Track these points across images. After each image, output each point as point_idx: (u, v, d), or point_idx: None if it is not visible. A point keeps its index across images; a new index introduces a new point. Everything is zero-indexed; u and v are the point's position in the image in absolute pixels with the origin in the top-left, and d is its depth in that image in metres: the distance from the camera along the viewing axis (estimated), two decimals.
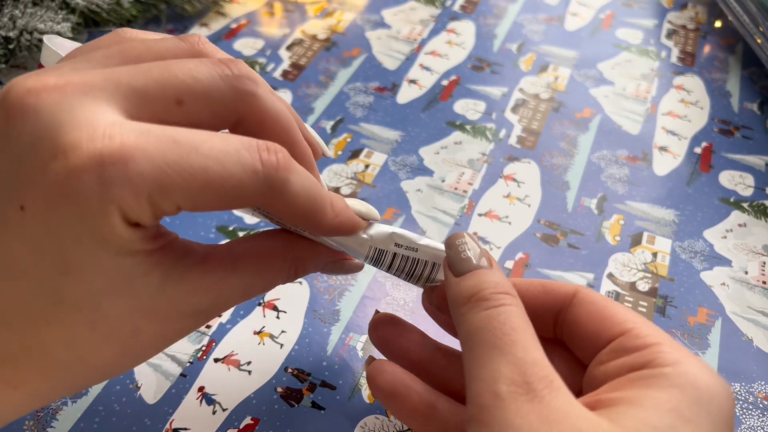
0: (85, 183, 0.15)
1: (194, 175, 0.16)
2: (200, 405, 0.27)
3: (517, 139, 0.40)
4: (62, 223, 0.15)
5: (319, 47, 0.46)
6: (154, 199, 0.15)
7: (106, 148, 0.15)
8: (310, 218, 0.19)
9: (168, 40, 0.19)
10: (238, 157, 0.16)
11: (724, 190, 0.38)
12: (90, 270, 0.16)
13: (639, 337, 0.19)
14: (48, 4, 0.42)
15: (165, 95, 0.16)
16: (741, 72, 0.46)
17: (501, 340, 0.18)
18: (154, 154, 0.15)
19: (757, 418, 0.27)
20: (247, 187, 0.16)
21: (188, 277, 0.18)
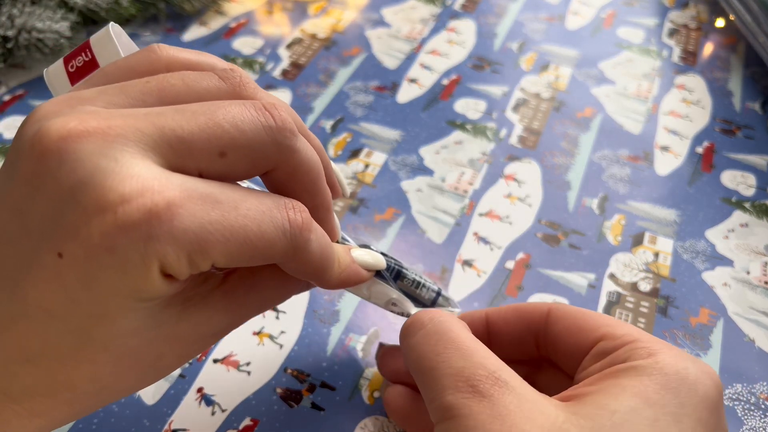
0: (131, 239, 0.15)
1: (234, 234, 0.16)
2: (199, 406, 0.26)
3: (518, 139, 0.40)
4: (101, 274, 0.15)
5: (319, 46, 0.46)
6: (193, 257, 0.16)
7: (155, 205, 0.15)
8: (319, 275, 0.19)
9: (208, 77, 0.18)
10: (270, 217, 0.17)
11: (726, 190, 0.37)
12: (121, 316, 0.16)
13: (615, 338, 0.20)
14: (46, 2, 0.42)
15: (210, 147, 0.16)
16: (743, 71, 0.46)
17: (435, 360, 0.19)
18: (197, 212, 0.15)
19: (759, 419, 0.27)
20: (276, 246, 0.17)
21: (209, 301, 0.19)
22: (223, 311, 0.19)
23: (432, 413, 0.19)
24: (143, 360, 0.18)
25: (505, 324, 0.24)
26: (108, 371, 0.17)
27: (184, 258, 0.15)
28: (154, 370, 0.19)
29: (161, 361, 0.18)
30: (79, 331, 0.16)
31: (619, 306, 0.31)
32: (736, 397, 0.28)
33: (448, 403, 0.18)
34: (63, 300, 0.16)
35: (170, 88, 0.17)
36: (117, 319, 0.16)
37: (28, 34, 0.40)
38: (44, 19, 0.40)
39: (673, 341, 0.30)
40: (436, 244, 0.33)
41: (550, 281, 0.32)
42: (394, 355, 0.26)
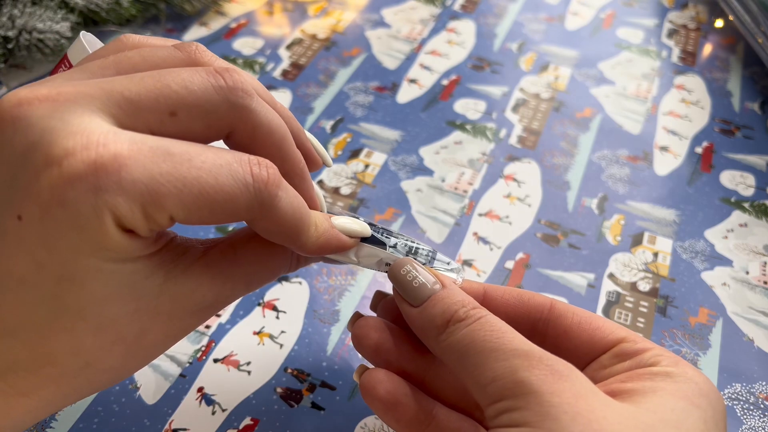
0: (78, 191, 0.15)
1: (187, 185, 0.16)
2: (199, 405, 0.27)
3: (518, 139, 0.40)
4: (58, 231, 0.15)
5: (319, 47, 0.46)
6: (147, 209, 0.16)
7: (100, 157, 0.15)
8: (293, 237, 0.19)
9: (164, 49, 0.18)
10: (230, 170, 0.16)
11: (725, 190, 0.37)
12: (90, 278, 0.16)
13: (637, 343, 0.21)
14: (47, 3, 0.42)
15: (158, 106, 0.16)
16: (742, 72, 0.46)
17: (496, 342, 0.19)
18: (147, 163, 0.15)
19: (758, 419, 0.27)
20: (237, 200, 0.17)
21: (190, 273, 0.18)
22: (206, 286, 0.19)
23: (492, 393, 0.18)
24: (126, 334, 0.17)
25: (504, 305, 0.23)
26: (89, 343, 0.17)
27: (138, 209, 0.15)
28: (140, 348, 0.18)
29: (146, 338, 0.18)
30: (51, 298, 0.16)
31: (618, 306, 0.31)
32: (735, 397, 0.28)
33: (522, 378, 0.17)
34: (30, 265, 0.16)
35: (126, 61, 0.18)
36: (86, 283, 0.16)
37: (29, 34, 0.40)
38: (45, 19, 0.40)
39: (673, 341, 0.30)
40: (436, 243, 0.34)
41: (549, 281, 0.32)
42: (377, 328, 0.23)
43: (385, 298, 0.25)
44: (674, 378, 0.18)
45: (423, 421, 0.22)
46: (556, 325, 0.22)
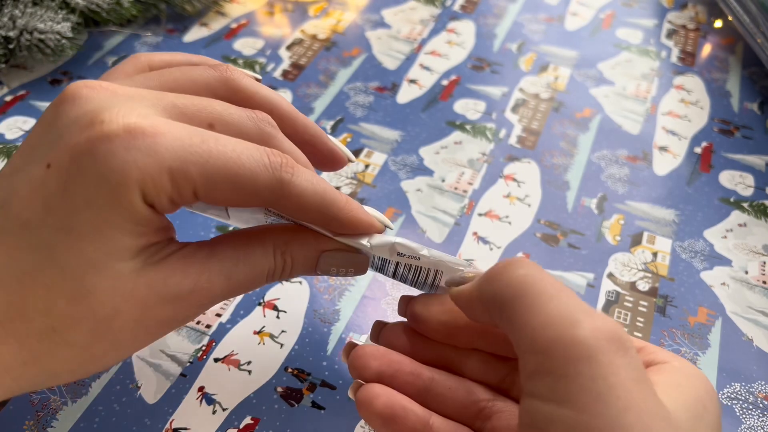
0: (113, 146, 0.16)
1: (212, 157, 0.17)
2: (200, 405, 0.27)
3: (517, 139, 0.40)
4: (79, 180, 0.16)
5: (319, 47, 0.46)
6: (175, 175, 0.17)
7: (139, 123, 0.17)
8: (323, 212, 0.20)
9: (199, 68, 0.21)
10: (250, 152, 0.18)
11: (725, 190, 0.38)
12: (88, 235, 0.17)
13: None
14: (48, 3, 0.42)
15: (200, 116, 0.19)
16: (741, 72, 0.46)
17: (563, 292, 0.16)
18: (180, 135, 0.17)
19: (758, 418, 0.27)
20: (258, 176, 0.18)
21: (167, 260, 0.19)
22: (180, 273, 0.19)
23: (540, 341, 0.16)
24: (97, 308, 0.17)
25: None
26: (61, 307, 0.17)
27: (166, 175, 0.17)
28: (108, 330, 0.18)
29: (116, 319, 0.18)
30: (44, 247, 0.17)
31: (617, 305, 0.31)
32: (735, 396, 0.28)
33: (581, 338, 0.15)
34: (39, 210, 0.17)
35: (168, 75, 0.20)
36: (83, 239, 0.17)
37: (30, 35, 0.40)
38: (46, 20, 0.41)
39: (672, 340, 0.30)
40: (435, 243, 0.34)
41: None
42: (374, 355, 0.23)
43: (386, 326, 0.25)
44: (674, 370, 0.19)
45: None
46: None
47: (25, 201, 0.17)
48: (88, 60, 0.44)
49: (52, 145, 0.17)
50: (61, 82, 0.42)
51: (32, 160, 0.17)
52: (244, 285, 0.21)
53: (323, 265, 0.23)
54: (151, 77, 0.20)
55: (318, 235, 0.22)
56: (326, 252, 0.22)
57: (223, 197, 0.18)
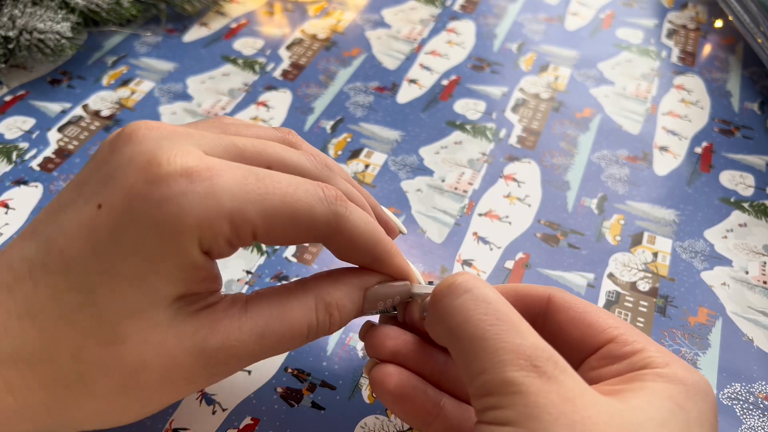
0: (169, 190, 0.16)
1: (269, 194, 0.17)
2: (200, 405, 0.27)
3: (518, 139, 0.40)
4: (132, 224, 0.16)
5: (319, 47, 0.46)
6: (234, 218, 0.17)
7: (196, 165, 0.16)
8: (372, 250, 0.20)
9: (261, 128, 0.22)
10: (305, 186, 0.18)
11: (725, 190, 0.38)
12: (133, 281, 0.16)
13: (627, 344, 0.20)
14: (47, 3, 0.42)
15: (259, 158, 0.19)
16: (741, 72, 0.46)
17: (489, 331, 0.18)
18: (235, 176, 0.17)
19: (758, 418, 0.27)
20: (315, 209, 0.18)
21: (199, 313, 0.18)
22: (208, 328, 0.18)
23: (478, 386, 0.18)
24: (128, 360, 0.17)
25: None
26: (92, 353, 0.17)
27: (224, 219, 0.16)
28: (134, 385, 0.17)
29: (144, 373, 0.17)
30: (86, 290, 0.16)
31: (618, 305, 0.31)
32: (735, 397, 0.28)
33: (510, 378, 0.17)
34: (85, 250, 0.16)
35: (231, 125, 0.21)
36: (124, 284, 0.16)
37: (30, 35, 0.40)
38: (45, 19, 0.41)
39: (672, 340, 0.30)
40: (435, 243, 0.34)
41: (549, 281, 0.32)
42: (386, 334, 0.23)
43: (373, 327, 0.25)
44: (663, 378, 0.18)
45: (431, 413, 0.22)
46: (552, 321, 0.22)
47: (72, 240, 0.16)
48: (88, 60, 0.44)
49: (105, 184, 0.17)
50: (61, 82, 0.42)
51: (82, 197, 0.17)
52: (279, 344, 0.20)
53: (369, 304, 0.22)
54: (214, 124, 0.20)
55: (359, 275, 0.22)
56: (369, 290, 0.22)
57: (281, 235, 0.18)
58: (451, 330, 0.19)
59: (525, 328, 0.18)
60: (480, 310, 0.18)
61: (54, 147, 0.38)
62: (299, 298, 0.20)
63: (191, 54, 0.45)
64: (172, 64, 0.44)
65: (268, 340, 0.19)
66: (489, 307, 0.18)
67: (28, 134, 0.39)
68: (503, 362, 0.17)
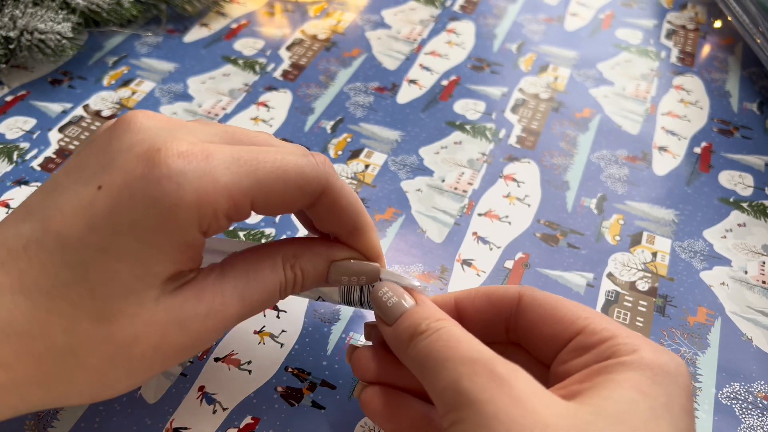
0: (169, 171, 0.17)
1: (261, 163, 0.18)
2: (200, 404, 0.27)
3: (517, 139, 0.40)
4: (131, 203, 0.17)
5: (320, 47, 0.46)
6: (231, 191, 0.18)
7: (192, 148, 0.17)
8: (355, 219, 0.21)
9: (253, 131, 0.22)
10: (293, 153, 0.20)
11: (724, 190, 0.38)
12: (128, 258, 0.17)
13: (595, 333, 0.20)
14: (48, 4, 0.42)
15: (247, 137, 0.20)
16: (740, 72, 0.46)
17: (447, 352, 0.19)
18: (228, 153, 0.18)
19: (757, 418, 0.27)
20: (305, 171, 0.19)
21: (183, 288, 0.19)
22: (195, 298, 0.19)
23: (442, 404, 0.18)
24: (119, 335, 0.17)
25: (475, 310, 0.23)
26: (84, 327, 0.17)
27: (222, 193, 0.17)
28: (126, 357, 0.18)
29: (137, 346, 0.18)
30: (79, 265, 0.17)
31: (617, 305, 0.31)
32: (734, 396, 0.28)
33: (464, 388, 0.18)
34: (82, 227, 0.17)
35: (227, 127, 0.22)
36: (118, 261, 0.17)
37: (30, 35, 0.40)
38: (46, 20, 0.41)
39: (671, 340, 0.30)
40: (435, 243, 0.34)
41: (548, 281, 0.32)
42: (368, 356, 0.25)
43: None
44: (628, 367, 0.18)
45: (421, 426, 0.23)
46: (524, 320, 0.22)
47: (69, 219, 0.17)
48: (89, 60, 0.44)
49: (105, 168, 0.17)
50: (62, 82, 0.42)
51: (81, 180, 0.17)
52: (258, 303, 0.21)
53: (334, 275, 0.23)
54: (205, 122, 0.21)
55: (328, 245, 0.23)
56: (336, 262, 0.23)
57: (276, 201, 0.19)
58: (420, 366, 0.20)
59: (480, 346, 0.19)
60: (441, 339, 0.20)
61: (55, 147, 0.38)
62: (268, 258, 0.21)
63: (192, 54, 0.45)
64: (172, 65, 0.44)
65: (248, 300, 0.20)
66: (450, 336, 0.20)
67: (29, 134, 0.39)
68: (459, 375, 0.18)
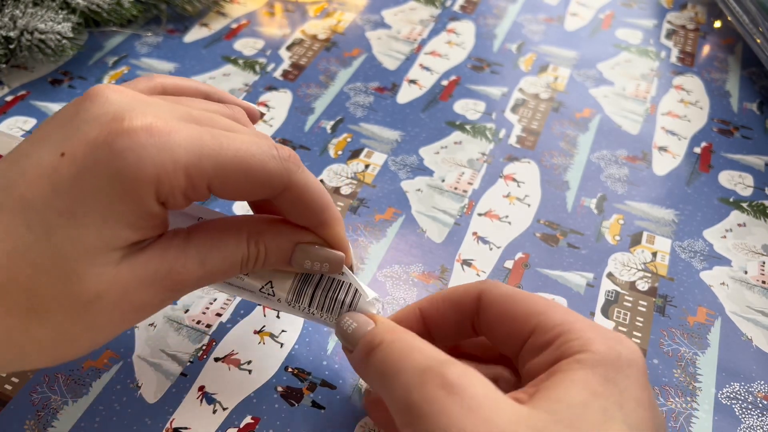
0: (131, 141, 0.17)
1: (224, 149, 0.18)
2: (200, 404, 0.27)
3: (517, 139, 0.40)
4: (95, 170, 0.17)
5: (320, 47, 0.46)
6: (190, 171, 0.18)
7: (155, 123, 0.18)
8: (320, 212, 0.21)
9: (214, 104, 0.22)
10: (258, 143, 0.19)
11: (724, 190, 0.38)
12: (91, 222, 0.17)
13: (547, 331, 0.20)
14: (49, 4, 0.42)
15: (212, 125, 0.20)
16: (740, 72, 0.46)
17: (399, 363, 0.19)
18: (192, 133, 0.18)
19: (757, 418, 0.28)
20: (268, 165, 0.19)
21: (146, 249, 0.19)
22: (158, 258, 0.19)
23: (398, 417, 0.18)
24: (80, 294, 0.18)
25: (439, 315, 0.23)
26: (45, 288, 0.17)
27: (181, 171, 0.17)
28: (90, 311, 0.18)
29: (100, 301, 0.18)
30: (42, 228, 0.17)
31: (617, 305, 0.31)
32: (734, 396, 0.28)
33: (414, 401, 0.17)
34: (46, 191, 0.17)
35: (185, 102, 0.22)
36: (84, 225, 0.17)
37: (31, 35, 0.40)
38: (46, 20, 0.41)
39: (671, 340, 0.30)
40: (435, 243, 0.34)
41: (548, 280, 0.32)
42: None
43: None
44: (581, 364, 0.18)
45: None
46: (484, 319, 0.22)
47: (32, 183, 0.17)
48: (89, 60, 0.44)
49: (70, 136, 0.18)
50: (62, 82, 0.42)
51: (45, 148, 0.18)
52: (218, 272, 0.21)
53: (298, 258, 0.23)
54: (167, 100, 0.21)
55: (294, 228, 0.23)
56: (301, 244, 0.23)
57: (235, 189, 0.19)
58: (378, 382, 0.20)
59: (436, 352, 0.19)
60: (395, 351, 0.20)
61: None
62: (234, 230, 0.21)
63: (192, 54, 0.45)
64: (172, 65, 0.44)
65: (208, 266, 0.20)
66: (402, 345, 0.20)
67: (28, 134, 0.39)
68: (410, 387, 0.18)
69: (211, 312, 0.30)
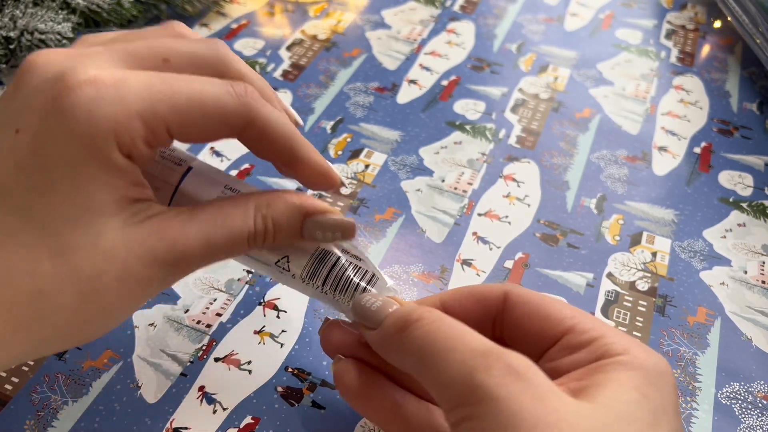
0: (78, 100, 0.16)
1: (176, 92, 0.18)
2: (200, 404, 0.27)
3: (517, 139, 0.40)
4: (51, 138, 0.17)
5: (320, 47, 0.47)
6: (145, 117, 0.17)
7: (100, 74, 0.17)
8: (290, 145, 0.20)
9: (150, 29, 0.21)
10: (212, 83, 0.19)
11: (724, 190, 0.38)
12: (63, 192, 0.17)
13: (584, 332, 0.20)
14: (49, 4, 0.42)
15: (154, 54, 0.19)
16: (740, 72, 0.46)
17: (453, 342, 0.18)
18: (141, 79, 0.18)
19: (756, 418, 0.28)
20: (225, 103, 0.19)
21: (146, 222, 0.19)
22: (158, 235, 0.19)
23: (449, 397, 0.18)
24: (82, 269, 0.17)
25: (462, 309, 0.23)
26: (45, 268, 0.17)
27: (136, 120, 0.17)
28: (93, 292, 0.18)
29: (100, 280, 0.18)
30: (21, 209, 0.17)
31: (617, 305, 0.31)
32: (734, 396, 0.28)
33: (480, 383, 0.17)
34: (11, 172, 0.17)
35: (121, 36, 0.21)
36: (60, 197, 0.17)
37: (31, 35, 0.40)
38: (46, 20, 0.41)
39: (671, 340, 0.30)
40: (435, 243, 0.34)
41: (548, 280, 0.32)
42: (341, 329, 0.24)
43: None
44: (625, 366, 0.18)
45: (391, 410, 0.22)
46: (510, 318, 0.22)
47: None
48: None
49: (19, 112, 0.17)
50: None
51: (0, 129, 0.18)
52: (224, 249, 0.20)
53: (309, 229, 0.22)
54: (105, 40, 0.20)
55: (304, 199, 0.22)
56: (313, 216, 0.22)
57: (196, 131, 0.19)
58: (419, 355, 0.19)
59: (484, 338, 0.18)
60: (442, 329, 0.19)
61: None
62: (240, 206, 0.21)
63: None
64: None
65: (213, 245, 0.20)
66: (451, 326, 0.19)
67: None
68: (472, 367, 0.17)
69: (211, 312, 0.30)
